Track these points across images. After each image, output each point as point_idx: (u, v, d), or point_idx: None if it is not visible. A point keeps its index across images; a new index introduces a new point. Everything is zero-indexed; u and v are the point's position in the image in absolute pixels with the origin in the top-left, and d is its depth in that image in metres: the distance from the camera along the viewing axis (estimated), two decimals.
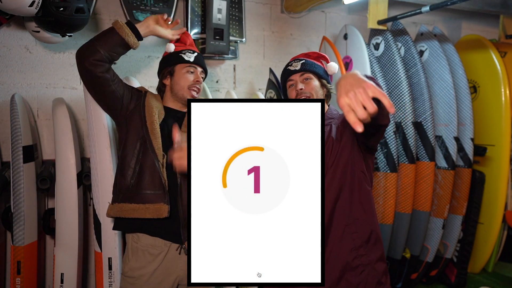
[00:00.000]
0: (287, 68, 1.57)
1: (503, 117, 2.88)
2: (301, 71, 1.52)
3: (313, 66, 1.53)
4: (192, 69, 1.68)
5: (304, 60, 1.55)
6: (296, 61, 1.56)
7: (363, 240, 1.37)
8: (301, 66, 1.52)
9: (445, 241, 2.90)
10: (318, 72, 1.52)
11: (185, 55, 1.68)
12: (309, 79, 1.51)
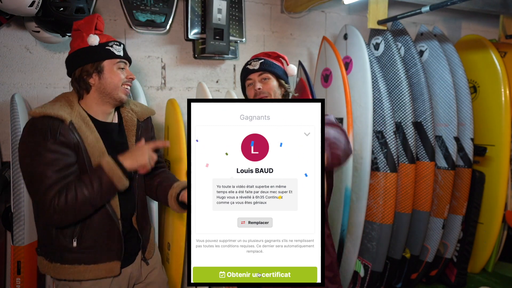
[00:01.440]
0: (246, 67, 1.58)
1: (503, 117, 2.88)
2: (259, 71, 1.53)
3: (271, 66, 1.54)
4: (123, 64, 1.44)
5: (263, 59, 1.56)
6: (255, 60, 1.56)
7: None
8: (260, 66, 1.53)
9: (445, 241, 2.90)
10: (276, 72, 1.54)
11: (113, 48, 1.41)
12: (267, 79, 1.53)
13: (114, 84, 1.41)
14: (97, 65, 1.39)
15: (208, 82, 2.66)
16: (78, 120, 1.35)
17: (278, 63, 1.59)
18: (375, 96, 2.53)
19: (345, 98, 2.38)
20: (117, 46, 1.44)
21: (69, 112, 1.35)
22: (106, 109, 1.45)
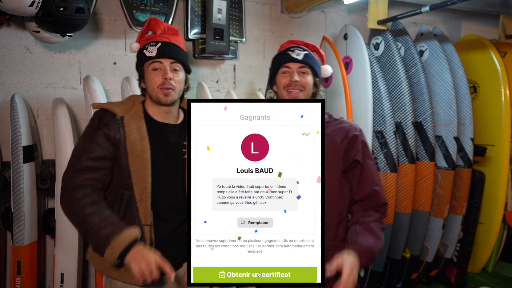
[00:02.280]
0: (287, 53, 1.43)
1: (503, 117, 2.88)
2: (302, 62, 1.40)
3: (313, 62, 1.44)
4: (157, 65, 1.39)
5: (307, 52, 1.44)
6: (299, 49, 1.44)
7: None
8: (304, 57, 1.41)
9: (445, 241, 2.90)
10: (316, 70, 1.44)
11: (147, 50, 1.40)
12: (306, 74, 1.41)
13: (150, 87, 1.40)
14: (140, 70, 1.45)
15: (208, 82, 2.66)
16: (131, 117, 1.38)
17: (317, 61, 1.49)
18: (375, 96, 2.52)
19: (345, 98, 2.38)
20: (152, 46, 1.40)
21: (126, 109, 1.40)
22: (160, 109, 1.42)
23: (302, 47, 1.45)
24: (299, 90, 1.39)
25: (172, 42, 1.42)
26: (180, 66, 1.42)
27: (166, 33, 1.45)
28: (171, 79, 1.37)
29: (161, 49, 1.39)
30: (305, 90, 1.40)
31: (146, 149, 1.36)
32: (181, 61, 1.42)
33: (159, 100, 1.38)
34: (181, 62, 1.42)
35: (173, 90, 1.38)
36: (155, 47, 1.39)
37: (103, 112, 1.39)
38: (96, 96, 2.01)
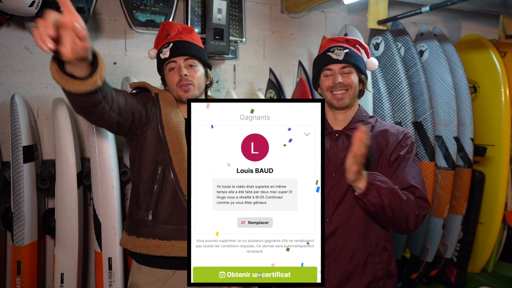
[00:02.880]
0: (327, 54, 1.37)
1: (503, 117, 2.88)
2: (344, 62, 1.34)
3: (356, 59, 1.37)
4: (172, 64, 1.43)
5: (348, 49, 1.37)
6: (339, 49, 1.36)
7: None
8: (345, 57, 1.34)
9: (445, 241, 2.90)
10: (360, 67, 1.38)
11: (162, 53, 1.45)
12: (349, 73, 1.35)
13: (171, 87, 1.45)
14: (162, 74, 1.50)
15: None
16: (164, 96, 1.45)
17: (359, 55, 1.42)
18: (375, 96, 2.52)
19: None
20: (165, 48, 1.43)
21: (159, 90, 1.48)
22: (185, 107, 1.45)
23: (343, 46, 1.39)
24: (344, 91, 1.35)
25: (184, 40, 1.44)
26: (196, 61, 1.44)
27: (181, 33, 1.49)
28: (187, 75, 1.39)
29: (173, 49, 1.41)
30: (351, 89, 1.35)
31: (181, 121, 1.42)
32: (196, 56, 1.43)
33: (181, 98, 1.42)
34: (196, 57, 1.43)
35: (192, 85, 1.40)
36: (168, 48, 1.42)
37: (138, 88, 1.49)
38: None
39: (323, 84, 1.39)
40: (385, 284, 1.31)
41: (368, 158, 1.29)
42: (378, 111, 2.52)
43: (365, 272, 1.30)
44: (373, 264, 1.30)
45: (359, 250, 1.29)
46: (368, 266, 1.30)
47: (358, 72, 1.38)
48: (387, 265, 1.32)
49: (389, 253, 1.35)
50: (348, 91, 1.35)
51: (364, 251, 1.30)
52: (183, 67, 1.40)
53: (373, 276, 1.30)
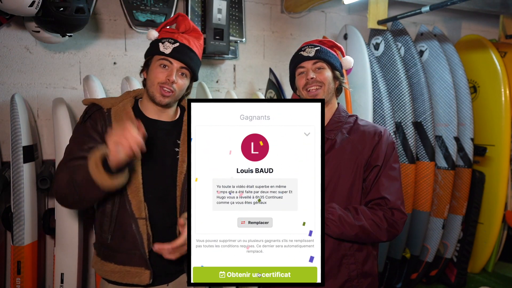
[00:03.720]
0: (299, 53, 1.39)
1: (503, 117, 2.88)
2: (314, 59, 1.35)
3: (328, 55, 1.37)
4: (167, 62, 1.32)
5: (319, 46, 1.38)
6: (310, 47, 1.38)
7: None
8: (315, 53, 1.35)
9: (445, 241, 2.90)
10: (332, 62, 1.37)
11: (163, 44, 1.33)
12: (322, 69, 1.36)
13: (151, 81, 1.34)
14: (148, 59, 1.38)
15: (208, 82, 2.66)
16: (118, 110, 1.35)
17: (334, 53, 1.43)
18: (375, 96, 2.52)
19: (345, 98, 2.38)
20: (169, 43, 1.33)
21: (114, 102, 1.38)
22: (154, 107, 1.38)
23: (314, 44, 1.40)
24: (318, 87, 1.34)
25: (190, 47, 1.36)
26: (188, 72, 1.37)
27: (189, 34, 1.40)
28: (174, 82, 1.32)
29: (177, 49, 1.32)
30: (324, 86, 1.34)
31: None
32: (192, 68, 1.36)
33: (154, 98, 1.33)
34: (191, 70, 1.36)
35: (172, 94, 1.33)
36: (171, 45, 1.32)
37: (91, 106, 1.38)
38: (96, 96, 2.01)
39: (298, 83, 1.39)
40: (359, 283, 1.33)
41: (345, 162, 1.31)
42: (378, 111, 2.52)
43: (339, 272, 1.31)
44: (347, 265, 1.32)
45: (334, 253, 1.31)
46: (343, 267, 1.32)
47: (332, 69, 1.38)
48: (361, 265, 1.33)
49: (366, 253, 1.35)
50: (322, 87, 1.34)
51: (339, 253, 1.31)
52: (174, 72, 1.32)
53: (347, 276, 1.32)
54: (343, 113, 1.41)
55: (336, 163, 1.30)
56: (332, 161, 1.30)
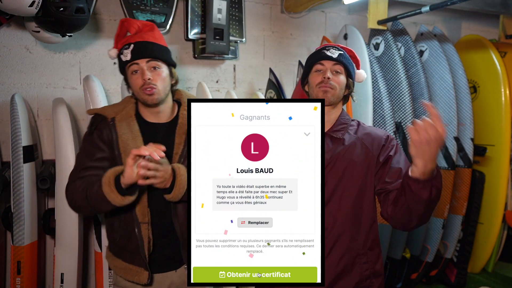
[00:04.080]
0: (322, 51, 1.40)
1: (503, 117, 2.88)
2: (336, 60, 1.37)
3: (348, 62, 1.40)
4: (134, 67, 1.34)
5: (342, 51, 1.41)
6: (334, 48, 1.40)
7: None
8: (338, 56, 1.38)
9: (445, 241, 2.90)
10: (350, 70, 1.40)
11: (122, 54, 1.36)
12: (339, 72, 1.37)
13: (134, 90, 1.38)
14: (124, 75, 1.41)
15: (208, 82, 2.66)
16: (122, 118, 1.40)
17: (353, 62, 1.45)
18: (375, 96, 2.52)
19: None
20: (126, 49, 1.35)
21: (117, 110, 1.42)
22: (150, 110, 1.41)
23: (338, 47, 1.43)
24: (330, 88, 1.35)
25: (145, 41, 1.36)
26: (159, 62, 1.36)
27: (141, 31, 1.40)
28: (150, 79, 1.32)
29: (134, 51, 1.33)
30: (336, 89, 1.36)
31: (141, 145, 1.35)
32: (159, 57, 1.36)
33: (145, 101, 1.36)
34: (159, 59, 1.36)
35: (156, 89, 1.33)
36: (128, 50, 1.34)
37: (96, 116, 1.43)
38: (96, 96, 2.00)
39: (313, 79, 1.40)
40: (371, 283, 1.32)
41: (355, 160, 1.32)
42: (378, 111, 2.52)
43: (352, 272, 1.31)
44: (360, 264, 1.31)
45: (347, 252, 1.30)
46: (356, 266, 1.31)
47: (347, 76, 1.40)
48: (373, 264, 1.33)
49: (376, 252, 1.35)
50: (334, 89, 1.35)
51: (352, 252, 1.30)
52: (146, 70, 1.33)
53: (360, 276, 1.31)
54: (346, 116, 1.43)
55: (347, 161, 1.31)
56: (343, 159, 1.31)
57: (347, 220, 1.30)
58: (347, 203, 1.30)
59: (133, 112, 1.43)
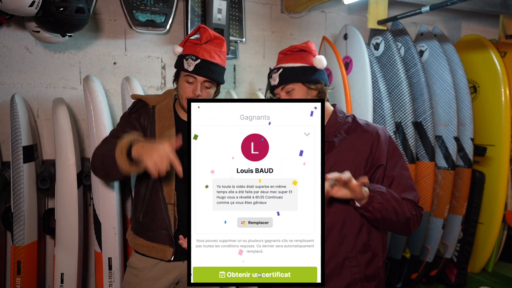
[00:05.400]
0: (269, 81, 1.42)
1: (503, 117, 2.88)
2: (280, 85, 1.36)
3: (292, 74, 1.36)
4: (191, 79, 1.47)
5: (281, 68, 1.37)
6: (274, 72, 1.39)
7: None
8: (279, 79, 1.36)
9: (445, 241, 2.90)
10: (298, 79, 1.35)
11: (186, 61, 1.47)
12: (291, 91, 1.36)
13: (180, 95, 1.51)
14: (176, 72, 1.54)
15: None
16: (162, 108, 1.55)
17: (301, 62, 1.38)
18: (375, 96, 2.52)
19: (345, 98, 2.39)
20: (192, 60, 1.46)
21: (158, 100, 1.57)
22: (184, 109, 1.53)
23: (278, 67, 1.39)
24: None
25: (211, 61, 1.47)
26: (212, 84, 1.50)
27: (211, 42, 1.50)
28: (199, 96, 1.47)
29: (199, 66, 1.45)
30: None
31: (173, 134, 1.51)
32: (216, 80, 1.50)
33: (184, 108, 1.53)
34: (214, 80, 1.50)
35: None
36: (194, 62, 1.45)
37: (138, 101, 1.58)
38: (96, 96, 2.01)
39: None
40: (363, 286, 1.31)
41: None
42: (378, 111, 2.52)
43: (341, 274, 1.30)
44: (350, 267, 1.30)
45: (336, 254, 1.30)
46: (345, 269, 1.30)
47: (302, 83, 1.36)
48: (364, 268, 1.32)
49: (370, 255, 1.33)
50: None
51: (341, 255, 1.30)
52: (199, 87, 1.46)
53: (350, 279, 1.30)
54: (340, 114, 1.40)
55: (334, 163, 1.30)
56: (331, 162, 1.30)
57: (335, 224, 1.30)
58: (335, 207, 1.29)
59: (171, 105, 1.57)
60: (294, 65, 1.38)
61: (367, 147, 1.32)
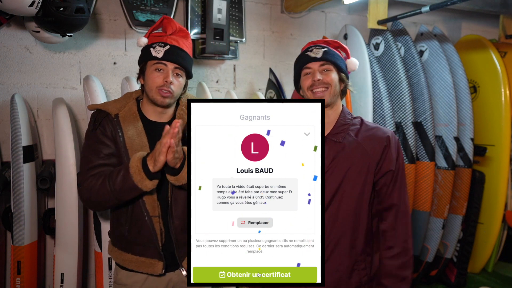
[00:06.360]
0: (306, 54, 1.37)
1: (503, 117, 2.88)
2: (322, 60, 1.33)
3: (335, 57, 1.36)
4: (161, 66, 1.38)
5: (326, 48, 1.36)
6: (317, 47, 1.36)
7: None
8: (323, 55, 1.33)
9: (445, 241, 2.90)
10: (339, 65, 1.36)
11: (154, 49, 1.38)
12: (328, 71, 1.34)
13: (149, 86, 1.40)
14: (142, 66, 1.44)
15: (208, 82, 2.66)
16: (125, 114, 1.43)
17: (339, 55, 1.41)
18: (375, 96, 2.52)
19: (345, 98, 2.38)
20: (160, 47, 1.38)
21: (120, 107, 1.45)
22: (155, 109, 1.44)
23: (321, 45, 1.39)
24: (324, 89, 1.32)
25: (180, 47, 1.41)
26: (183, 71, 1.42)
27: (177, 34, 1.44)
28: (171, 83, 1.37)
29: (168, 52, 1.38)
30: (330, 87, 1.33)
31: (145, 143, 1.41)
32: (185, 67, 1.42)
33: (155, 101, 1.40)
34: (185, 68, 1.42)
35: (171, 94, 1.38)
36: (162, 49, 1.38)
37: (98, 112, 1.45)
38: (96, 96, 2.01)
39: (303, 83, 1.37)
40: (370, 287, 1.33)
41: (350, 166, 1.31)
42: (378, 111, 2.52)
43: (350, 280, 1.30)
44: (358, 271, 1.31)
45: (345, 260, 1.30)
46: (354, 273, 1.31)
47: (338, 71, 1.37)
48: (370, 270, 1.33)
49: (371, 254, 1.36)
50: (328, 89, 1.33)
51: (350, 260, 1.30)
52: (170, 74, 1.38)
53: (358, 282, 1.31)
54: (348, 115, 1.40)
55: (347, 166, 1.29)
56: (343, 164, 1.29)
57: (346, 226, 1.29)
58: (346, 210, 1.29)
59: (135, 109, 1.46)
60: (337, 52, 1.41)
61: (378, 151, 1.31)
